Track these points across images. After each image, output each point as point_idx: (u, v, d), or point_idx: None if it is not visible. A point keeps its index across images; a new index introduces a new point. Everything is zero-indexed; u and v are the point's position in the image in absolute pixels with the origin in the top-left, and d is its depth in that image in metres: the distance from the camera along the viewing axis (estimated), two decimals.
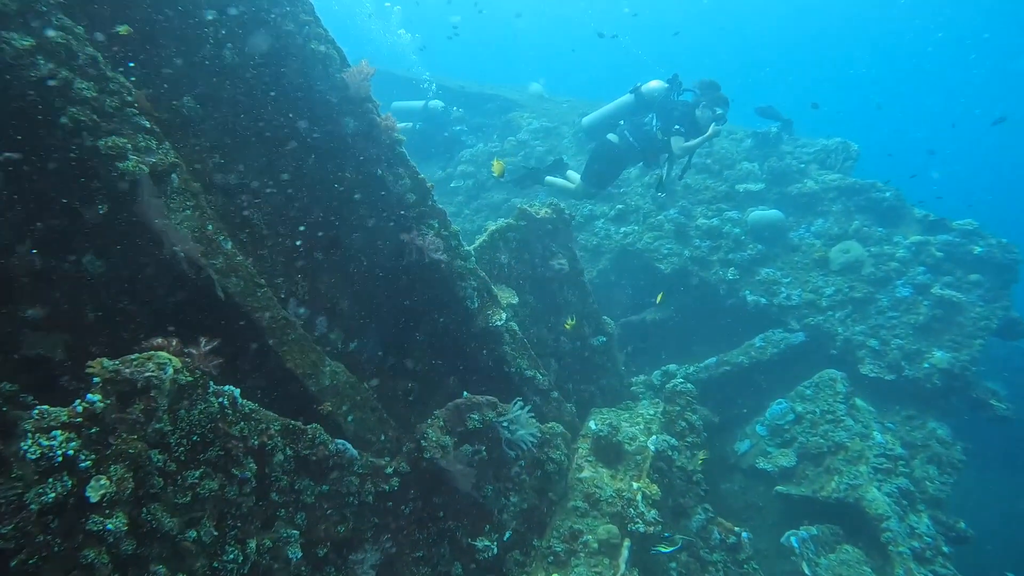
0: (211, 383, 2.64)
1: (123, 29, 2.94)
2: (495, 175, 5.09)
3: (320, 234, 3.89)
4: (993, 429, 7.85)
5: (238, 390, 2.79)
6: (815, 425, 7.17)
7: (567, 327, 5.12)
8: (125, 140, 2.52)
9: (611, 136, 6.92)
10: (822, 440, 6.97)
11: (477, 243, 5.12)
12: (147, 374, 2.27)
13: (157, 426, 2.34)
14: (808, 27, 48.72)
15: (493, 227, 5.17)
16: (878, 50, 48.51)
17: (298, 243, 3.84)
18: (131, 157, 2.53)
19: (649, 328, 8.85)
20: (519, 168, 10.42)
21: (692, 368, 8.02)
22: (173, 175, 2.74)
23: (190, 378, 2.50)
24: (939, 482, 6.89)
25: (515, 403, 4.18)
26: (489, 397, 4.17)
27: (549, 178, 7.72)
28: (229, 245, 3.02)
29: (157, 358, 2.34)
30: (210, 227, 2.93)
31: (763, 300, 8.44)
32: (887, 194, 9.19)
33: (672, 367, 8.07)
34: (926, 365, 7.63)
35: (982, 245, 8.49)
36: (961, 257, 8.49)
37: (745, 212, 9.24)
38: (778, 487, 6.93)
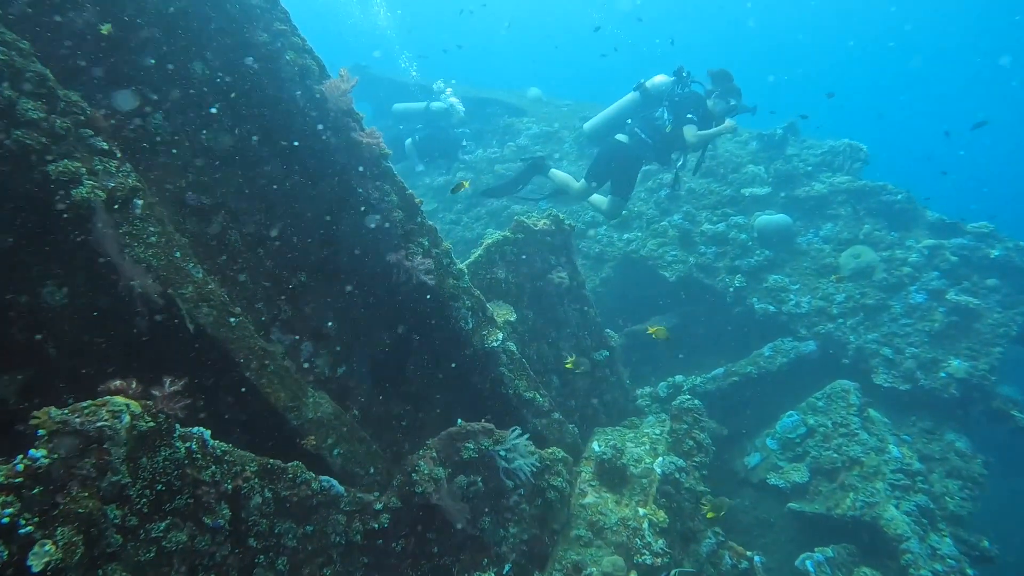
0: (177, 426, 2.43)
1: (105, 28, 2.71)
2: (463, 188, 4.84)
3: (303, 255, 3.68)
4: (1014, 440, 7.57)
5: (208, 432, 2.58)
6: (828, 438, 6.90)
7: (568, 366, 4.87)
8: (79, 164, 2.31)
9: (620, 136, 6.61)
10: (835, 454, 6.70)
11: (472, 258, 4.90)
12: (100, 424, 2.06)
13: (114, 479, 2.13)
14: (810, 30, 48.53)
15: (489, 240, 4.95)
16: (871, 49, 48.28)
17: (280, 264, 3.63)
18: (86, 182, 2.32)
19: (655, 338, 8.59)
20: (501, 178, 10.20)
21: (699, 379, 7.77)
22: (135, 200, 2.53)
23: (152, 423, 2.28)
24: (960, 498, 6.61)
25: (512, 431, 3.95)
26: (485, 424, 3.94)
27: (556, 174, 7.34)
28: (200, 273, 2.81)
29: (112, 405, 2.13)
30: (178, 254, 2.71)
31: (771, 308, 8.18)
32: (898, 196, 8.93)
33: (679, 378, 7.82)
34: (943, 375, 7.35)
35: (999, 248, 8.21)
36: (977, 261, 8.21)
37: (751, 217, 8.99)
38: (791, 504, 6.66)
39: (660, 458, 4.93)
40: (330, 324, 3.92)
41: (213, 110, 3.10)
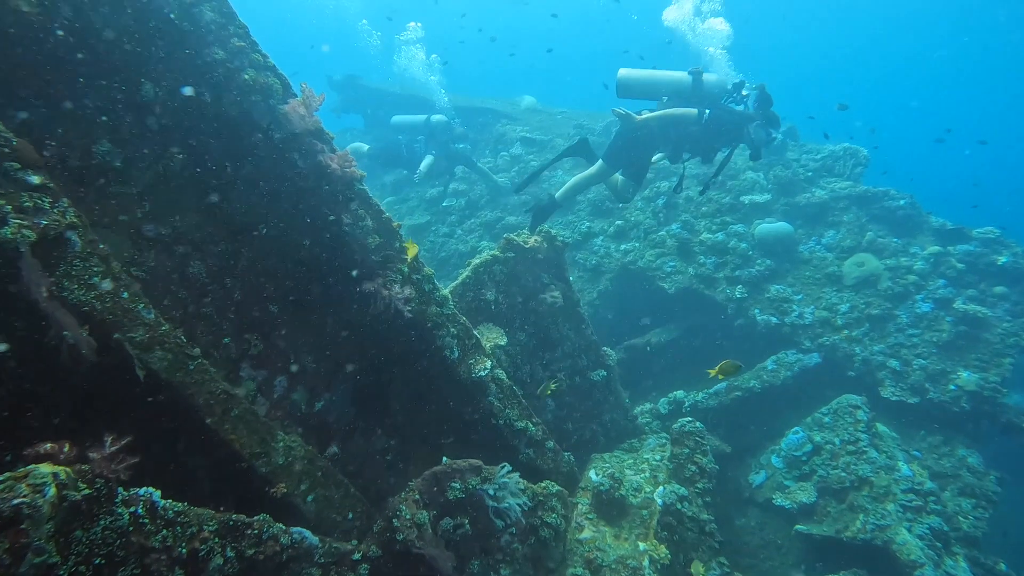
0: (120, 490, 2.18)
1: None
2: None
3: (274, 285, 3.43)
4: None
5: (157, 492, 2.33)
6: (835, 456, 6.65)
7: (547, 393, 4.51)
8: (3, 202, 2.07)
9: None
10: (844, 473, 6.45)
11: (459, 279, 4.66)
12: (16, 501, 1.81)
13: (37, 560, 1.88)
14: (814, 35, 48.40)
15: (477, 261, 4.71)
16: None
17: (249, 296, 3.38)
18: (12, 222, 2.08)
19: (654, 351, 8.35)
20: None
21: (701, 395, 7.52)
22: (73, 237, 2.29)
23: (88, 491, 2.04)
24: (973, 517, 6.35)
25: (502, 467, 3.70)
26: (472, 461, 3.69)
27: (560, 193, 6.85)
28: (152, 315, 2.57)
29: (34, 477, 1.88)
30: (125, 295, 2.47)
31: (774, 319, 7.94)
32: (901, 202, 8.72)
33: (680, 394, 7.57)
34: (952, 387, 7.10)
35: (1006, 255, 7.99)
36: (984, 268, 7.98)
37: (751, 225, 8.76)
38: (798, 526, 6.40)
39: (661, 487, 4.68)
40: (306, 357, 3.68)
41: (168, 134, 2.86)
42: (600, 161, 6.48)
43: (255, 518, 2.78)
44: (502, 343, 4.58)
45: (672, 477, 4.89)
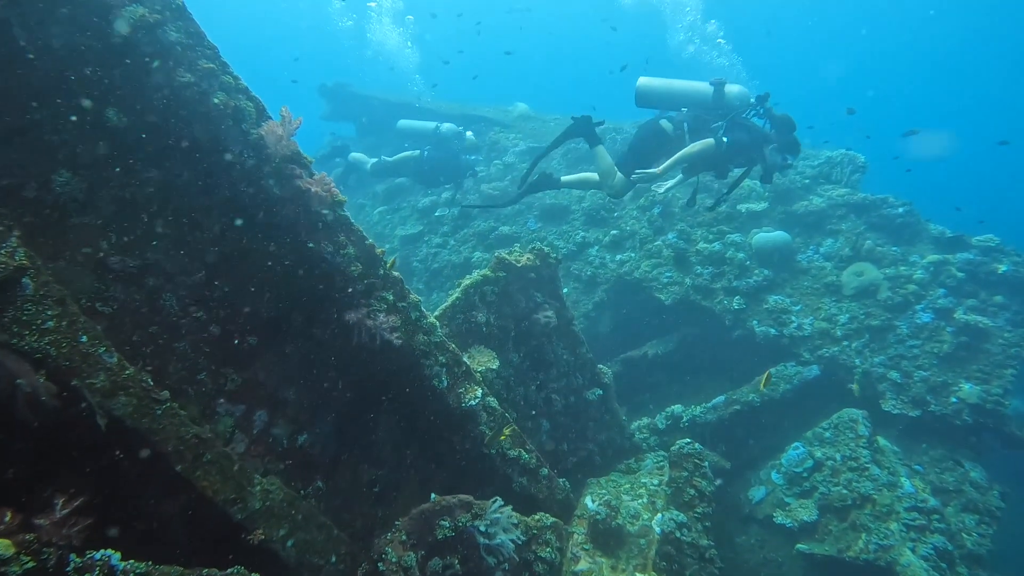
0: (72, 558, 2.01)
1: None
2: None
3: (252, 316, 3.26)
4: None
5: (117, 554, 2.16)
6: (836, 473, 6.51)
7: (501, 439, 4.00)
8: None
9: (664, 123, 5.98)
10: (846, 491, 6.30)
11: (449, 301, 4.49)
12: None
13: None
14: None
15: (467, 281, 4.54)
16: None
17: (226, 328, 3.21)
18: None
19: (652, 364, 8.20)
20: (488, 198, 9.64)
21: (699, 409, 7.36)
22: (24, 280, 2.11)
23: (31, 564, 1.86)
24: (977, 534, 6.21)
25: (493, 503, 3.54)
26: (462, 496, 3.53)
27: (567, 177, 6.50)
28: (114, 358, 2.39)
29: None
30: (84, 338, 2.30)
31: (772, 331, 7.79)
32: (899, 209, 8.59)
33: (677, 408, 7.41)
34: (954, 400, 6.97)
35: (1006, 263, 7.87)
36: (984, 277, 7.86)
37: (748, 234, 8.62)
38: (799, 545, 6.25)
39: (659, 515, 4.52)
40: (288, 389, 3.51)
41: (134, 161, 2.69)
42: (608, 162, 6.12)
43: (230, 570, 2.61)
44: (494, 366, 4.42)
45: (671, 503, 4.74)
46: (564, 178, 6.47)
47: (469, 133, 9.79)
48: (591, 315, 8.51)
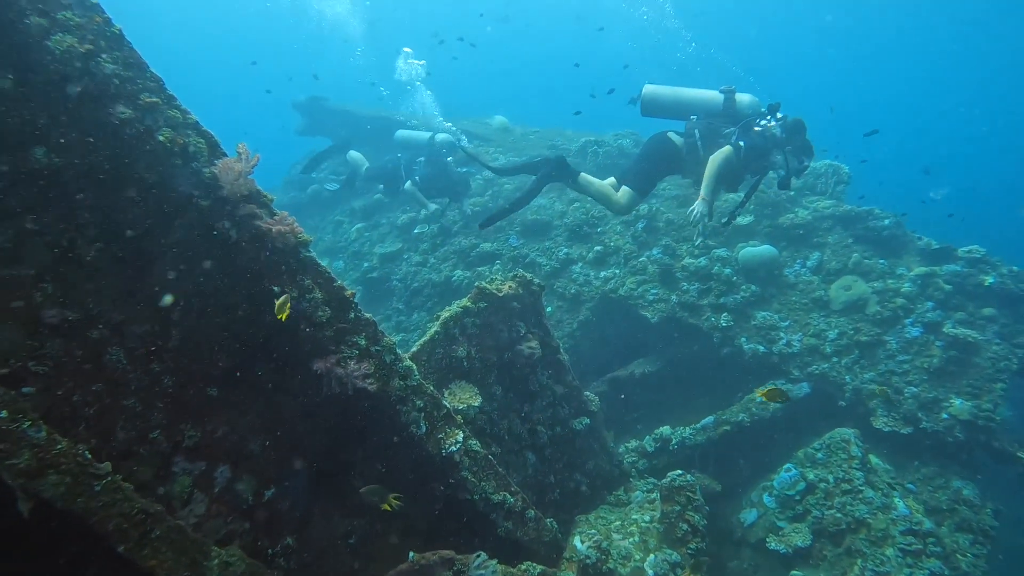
0: None
1: None
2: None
3: (211, 366, 3.00)
4: (1022, 484, 7.12)
5: None
6: (830, 495, 6.36)
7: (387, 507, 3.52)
8: None
9: (674, 136, 5.79)
10: (840, 515, 6.15)
11: (427, 335, 4.25)
12: None
13: None
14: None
15: (446, 314, 4.31)
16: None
17: (182, 380, 2.94)
18: None
19: (639, 383, 8.02)
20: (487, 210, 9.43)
21: (688, 431, 7.19)
22: None
23: None
24: (972, 555, 6.10)
25: (476, 557, 3.30)
26: (443, 552, 3.29)
27: (584, 177, 5.81)
28: (42, 432, 2.12)
29: None
30: (3, 414, 2.02)
31: (761, 348, 7.65)
32: (886, 221, 8.52)
33: (666, 430, 7.23)
34: (945, 416, 6.87)
35: (993, 275, 7.82)
36: (971, 289, 7.80)
37: (735, 249, 8.49)
38: (794, 572, 6.08)
39: (651, 555, 4.31)
40: (252, 441, 3.24)
41: (70, 206, 2.42)
42: (601, 185, 5.78)
43: None
44: (476, 403, 4.19)
45: (663, 541, 4.53)
46: (584, 177, 5.78)
47: (464, 139, 9.59)
48: (575, 335, 8.31)
